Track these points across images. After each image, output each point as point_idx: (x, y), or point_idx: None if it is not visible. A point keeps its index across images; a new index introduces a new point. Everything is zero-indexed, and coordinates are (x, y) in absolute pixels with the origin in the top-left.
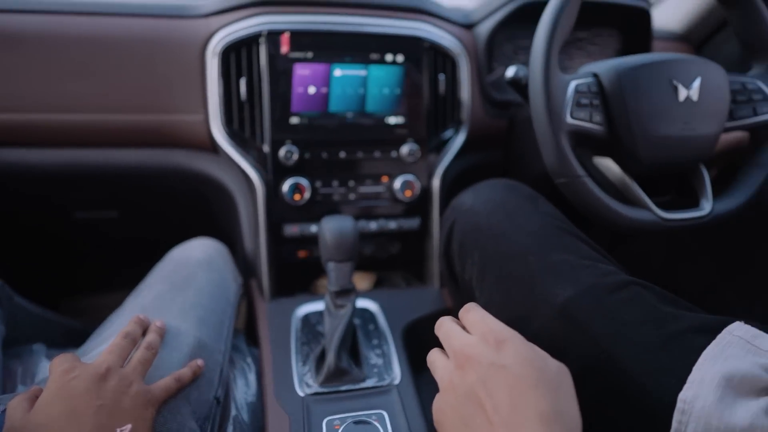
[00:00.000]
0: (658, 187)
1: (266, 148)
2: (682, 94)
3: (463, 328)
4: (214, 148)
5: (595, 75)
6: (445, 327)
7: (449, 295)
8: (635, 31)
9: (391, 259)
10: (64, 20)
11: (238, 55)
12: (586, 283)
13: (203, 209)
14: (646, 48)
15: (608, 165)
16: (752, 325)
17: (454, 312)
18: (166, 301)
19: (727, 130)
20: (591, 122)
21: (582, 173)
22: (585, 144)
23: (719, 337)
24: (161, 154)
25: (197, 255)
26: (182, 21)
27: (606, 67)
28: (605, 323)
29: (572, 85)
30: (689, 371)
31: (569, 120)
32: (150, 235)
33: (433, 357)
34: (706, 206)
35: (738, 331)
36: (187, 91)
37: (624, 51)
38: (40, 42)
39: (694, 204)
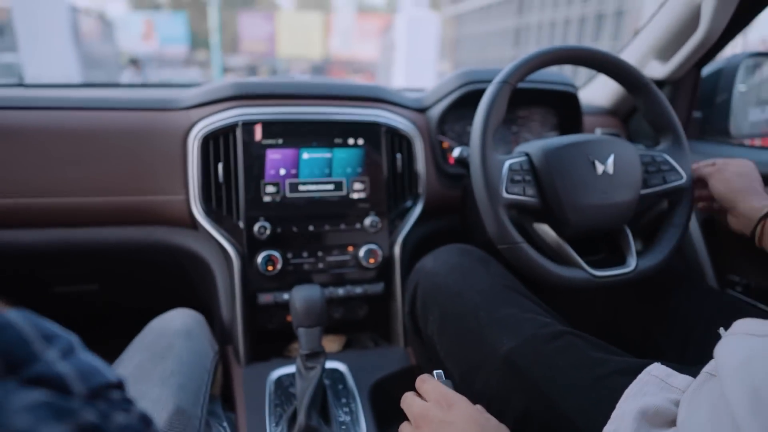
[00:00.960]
0: (591, 246)
1: (241, 225)
2: (599, 168)
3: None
4: (193, 224)
5: (527, 154)
6: (407, 400)
7: (413, 353)
8: (567, 109)
9: (360, 321)
10: (60, 115)
11: (216, 143)
12: (526, 334)
13: (182, 279)
14: (578, 122)
15: (545, 230)
16: (669, 365)
17: (417, 368)
18: (146, 370)
19: (642, 196)
20: (525, 195)
21: (519, 240)
22: (524, 212)
23: (639, 377)
24: (144, 231)
25: (176, 325)
26: (166, 113)
27: (535, 147)
28: (543, 369)
29: (506, 164)
30: (613, 408)
31: (505, 194)
32: (129, 304)
33: (401, 427)
34: (632, 263)
35: (655, 371)
36: (169, 175)
37: (561, 125)
38: (37, 135)
39: (622, 261)
